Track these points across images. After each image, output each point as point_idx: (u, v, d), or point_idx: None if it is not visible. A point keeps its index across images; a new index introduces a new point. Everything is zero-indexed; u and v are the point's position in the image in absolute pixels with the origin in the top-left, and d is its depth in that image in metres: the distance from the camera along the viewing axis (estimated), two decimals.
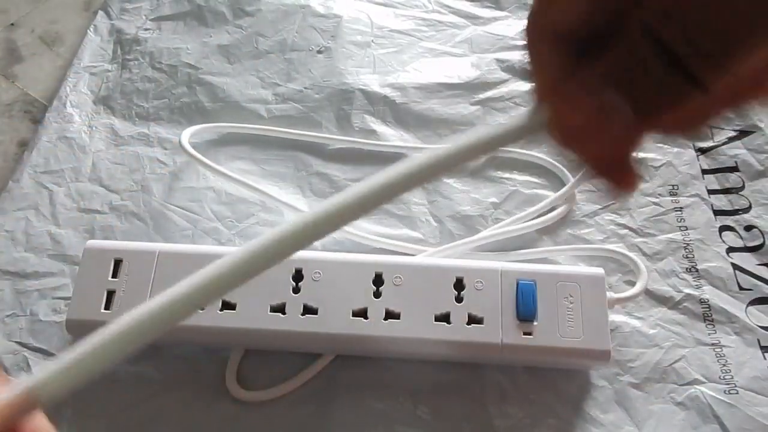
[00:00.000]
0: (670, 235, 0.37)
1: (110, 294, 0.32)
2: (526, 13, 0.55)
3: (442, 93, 0.44)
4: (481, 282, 0.32)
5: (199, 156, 0.39)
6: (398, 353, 0.33)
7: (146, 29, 0.49)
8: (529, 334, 0.31)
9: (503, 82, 0.44)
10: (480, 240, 0.36)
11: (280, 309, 0.32)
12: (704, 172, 0.40)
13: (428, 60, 0.46)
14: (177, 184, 0.41)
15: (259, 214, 0.39)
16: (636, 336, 0.34)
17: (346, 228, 0.37)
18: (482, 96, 0.44)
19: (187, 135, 0.40)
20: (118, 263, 0.33)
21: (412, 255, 0.36)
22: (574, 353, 0.30)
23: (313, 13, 0.49)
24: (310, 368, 0.33)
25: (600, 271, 0.32)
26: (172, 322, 0.15)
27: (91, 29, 0.49)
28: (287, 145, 0.42)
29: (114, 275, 0.33)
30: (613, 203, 0.38)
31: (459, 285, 0.32)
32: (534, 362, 0.32)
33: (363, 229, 0.37)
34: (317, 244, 0.37)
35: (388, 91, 0.44)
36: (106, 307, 0.32)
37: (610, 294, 0.32)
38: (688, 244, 0.37)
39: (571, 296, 0.31)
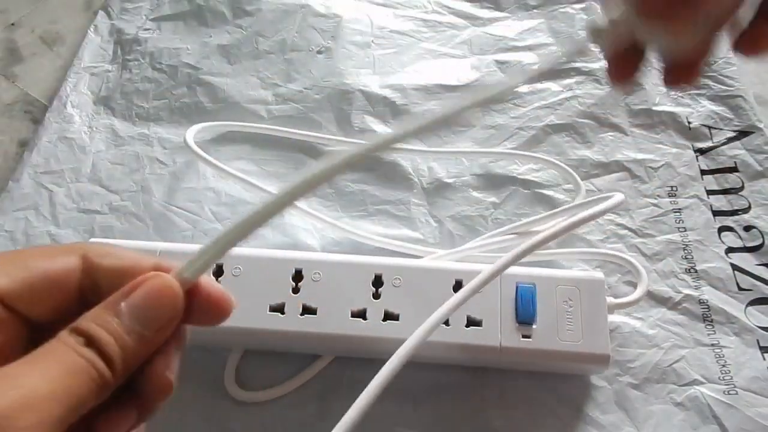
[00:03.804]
0: (669, 236, 0.37)
1: None
2: (526, 14, 0.55)
3: (441, 94, 0.44)
4: None
5: (203, 154, 0.39)
6: None
7: (146, 29, 0.49)
8: (528, 337, 0.31)
9: None
10: (496, 243, 0.35)
11: (279, 309, 0.32)
12: (703, 172, 0.40)
13: (428, 61, 0.46)
14: (177, 184, 0.41)
15: None
16: (635, 336, 0.34)
17: (346, 228, 0.37)
18: None
19: (191, 133, 0.40)
20: None
21: (419, 257, 0.35)
22: (573, 357, 0.30)
23: (313, 12, 0.49)
24: (309, 369, 0.33)
25: (600, 275, 0.32)
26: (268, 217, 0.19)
27: (92, 29, 0.49)
28: (287, 146, 0.42)
29: None
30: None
31: (458, 287, 0.32)
32: (533, 366, 0.32)
33: (363, 228, 0.37)
34: (317, 244, 0.37)
35: (387, 92, 0.44)
36: None
37: (610, 299, 0.32)
38: (687, 245, 0.37)
39: (570, 300, 0.31)
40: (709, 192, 0.39)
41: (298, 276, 0.32)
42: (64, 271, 0.18)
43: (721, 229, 0.37)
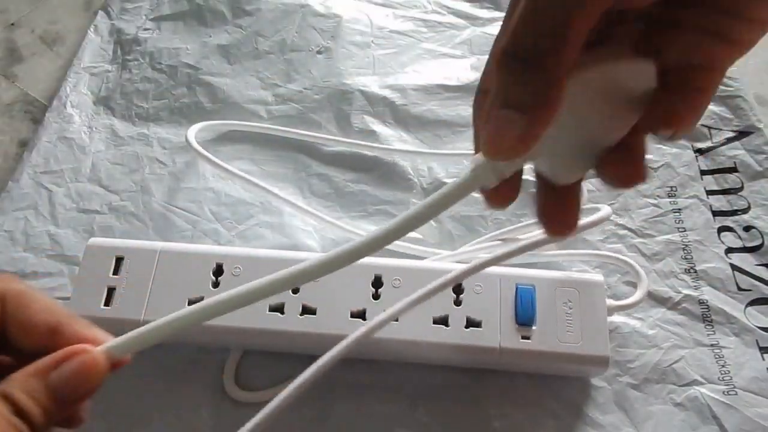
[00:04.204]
0: (668, 236, 0.37)
1: (110, 291, 0.32)
2: None
3: (441, 95, 0.44)
4: (480, 285, 0.32)
5: (204, 152, 0.39)
6: (396, 355, 0.32)
7: (146, 29, 0.49)
8: (528, 338, 0.31)
9: None
10: (496, 245, 0.35)
11: (278, 309, 0.32)
12: (703, 173, 0.40)
13: (427, 61, 0.46)
14: (177, 184, 0.41)
15: (259, 215, 0.39)
16: (635, 336, 0.34)
17: (346, 228, 0.37)
18: None
19: (193, 131, 0.40)
20: (119, 261, 0.33)
21: (419, 258, 0.35)
22: (573, 359, 0.30)
23: (313, 12, 0.49)
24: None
25: (599, 277, 0.32)
26: (213, 316, 0.20)
27: (92, 29, 0.49)
28: (287, 146, 0.42)
29: (115, 272, 0.33)
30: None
31: (458, 288, 0.32)
32: (532, 367, 0.32)
33: (363, 228, 0.37)
34: (316, 245, 0.37)
35: (387, 93, 0.44)
36: (106, 304, 0.32)
37: (610, 301, 0.32)
38: (686, 245, 0.37)
39: (570, 302, 0.31)
40: (709, 192, 0.39)
41: None
42: None
43: (721, 230, 0.37)
